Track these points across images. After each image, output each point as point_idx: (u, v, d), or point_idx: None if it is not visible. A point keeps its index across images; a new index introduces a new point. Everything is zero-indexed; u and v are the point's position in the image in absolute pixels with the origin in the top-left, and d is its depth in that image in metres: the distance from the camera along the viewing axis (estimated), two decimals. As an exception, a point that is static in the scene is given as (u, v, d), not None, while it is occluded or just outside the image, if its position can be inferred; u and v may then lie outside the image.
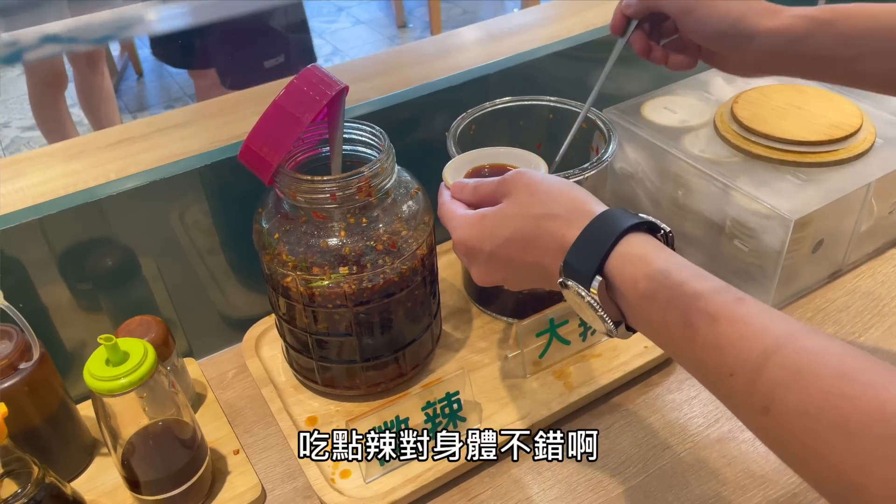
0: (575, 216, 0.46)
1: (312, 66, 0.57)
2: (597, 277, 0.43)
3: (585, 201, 0.47)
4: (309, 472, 0.60)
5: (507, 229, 0.49)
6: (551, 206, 0.47)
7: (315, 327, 0.62)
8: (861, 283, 0.76)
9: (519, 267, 0.49)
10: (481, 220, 0.50)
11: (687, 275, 0.41)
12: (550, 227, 0.46)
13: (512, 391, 0.66)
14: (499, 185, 0.51)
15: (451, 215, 0.54)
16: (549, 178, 0.50)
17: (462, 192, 0.55)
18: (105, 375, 0.50)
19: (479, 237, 0.50)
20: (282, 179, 0.57)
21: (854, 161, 0.72)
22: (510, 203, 0.49)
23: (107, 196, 0.63)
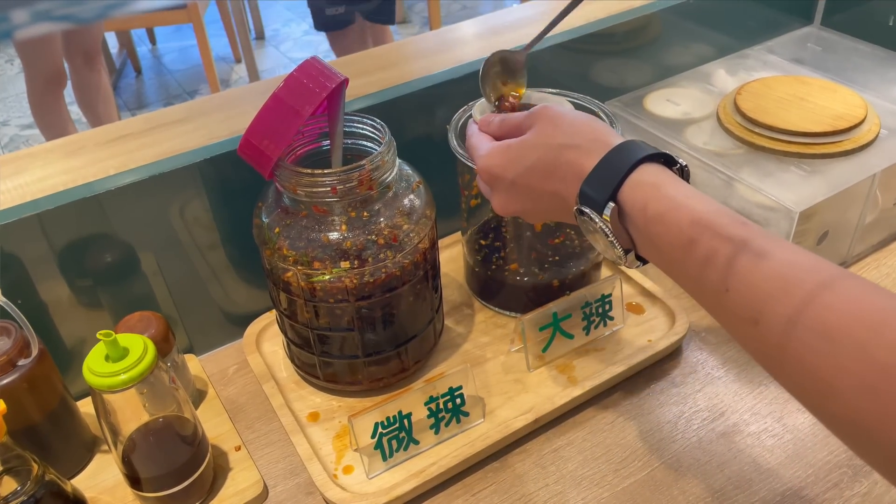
0: (594, 147, 0.47)
1: (312, 58, 0.57)
2: (609, 204, 0.45)
3: (606, 133, 0.48)
4: (311, 467, 0.59)
5: (530, 158, 0.50)
6: (572, 137, 0.49)
7: (316, 322, 0.62)
8: (866, 275, 0.75)
9: (539, 195, 0.51)
10: (506, 149, 0.52)
11: (692, 199, 0.43)
12: (570, 157, 0.48)
13: (515, 386, 0.66)
14: (525, 118, 0.53)
15: (478, 146, 0.56)
16: (572, 112, 0.52)
17: (489, 125, 0.57)
18: (105, 371, 0.50)
19: (502, 165, 0.52)
20: (282, 173, 0.56)
21: (859, 152, 0.72)
22: (534, 133, 0.51)
23: (105, 191, 0.63)
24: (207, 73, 2.66)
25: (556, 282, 0.71)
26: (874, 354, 0.33)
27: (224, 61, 3.13)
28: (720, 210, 0.42)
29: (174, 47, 3.31)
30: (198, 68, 3.01)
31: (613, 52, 0.88)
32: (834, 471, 0.58)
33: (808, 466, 0.58)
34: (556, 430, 0.63)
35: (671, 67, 0.90)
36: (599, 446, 0.61)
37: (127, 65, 3.13)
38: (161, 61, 3.21)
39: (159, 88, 3.01)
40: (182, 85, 3.00)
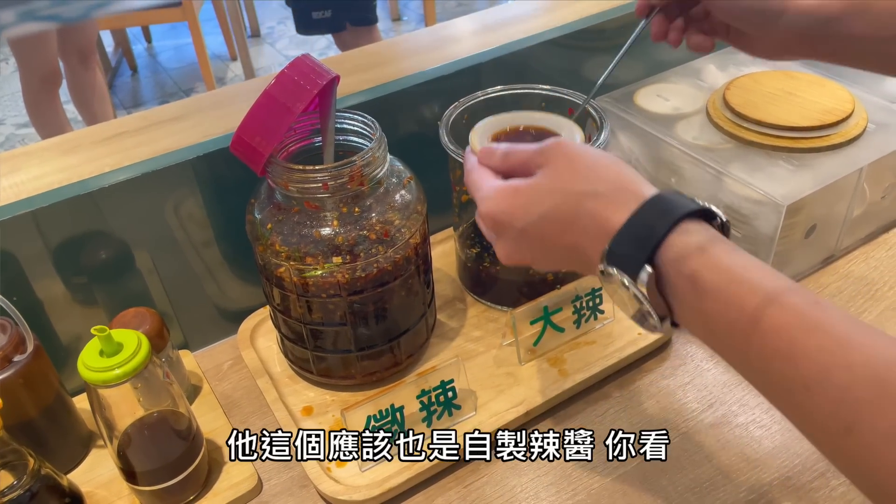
0: (621, 197, 0.42)
1: (303, 56, 0.57)
2: (646, 268, 0.39)
3: (633, 180, 0.43)
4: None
5: (543, 205, 0.44)
6: (594, 184, 0.43)
7: (309, 317, 0.62)
8: (854, 268, 0.76)
9: (552, 247, 0.46)
10: (514, 193, 0.46)
11: (754, 271, 0.37)
12: (592, 208, 0.43)
13: (507, 379, 0.66)
14: (534, 154, 0.47)
15: (479, 184, 0.49)
16: (591, 151, 0.46)
17: (490, 158, 0.50)
18: (99, 366, 0.50)
19: (509, 211, 0.46)
20: (274, 169, 0.57)
21: (846, 146, 0.72)
22: (547, 176, 0.45)
23: (99, 188, 0.63)
24: (203, 71, 2.66)
25: (548, 276, 0.72)
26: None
27: (220, 59, 3.13)
28: (788, 287, 0.36)
29: (169, 45, 3.31)
30: (193, 66, 3.01)
31: (604, 48, 0.88)
32: (821, 461, 0.58)
33: (796, 456, 0.59)
34: (547, 422, 0.64)
35: (662, 63, 0.90)
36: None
37: (122, 63, 3.13)
38: (157, 59, 3.21)
39: (155, 86, 3.01)
40: (178, 83, 3.00)
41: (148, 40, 3.34)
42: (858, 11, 0.53)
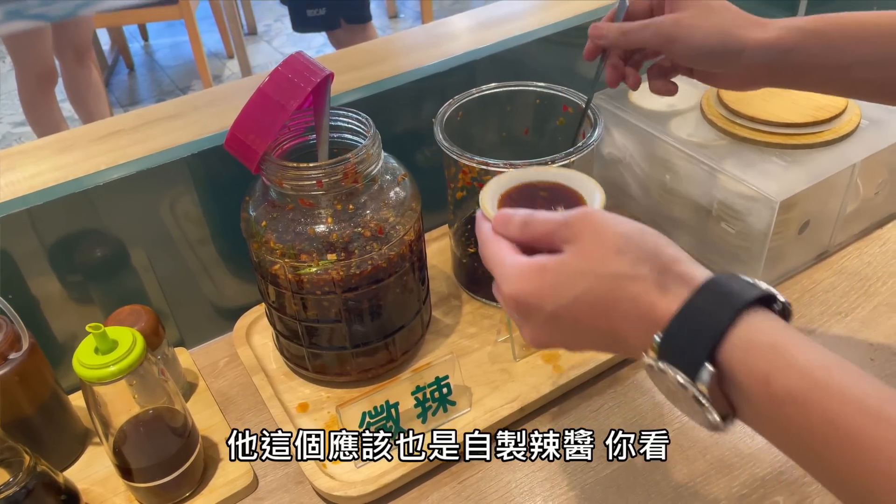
0: (666, 279, 0.38)
1: (297, 53, 0.57)
2: (707, 367, 0.35)
3: (675, 258, 0.39)
4: (300, 457, 0.60)
5: (575, 288, 0.40)
6: (633, 264, 0.39)
7: (304, 314, 0.63)
8: (847, 264, 0.76)
9: (587, 332, 0.41)
10: (540, 272, 0.42)
11: (837, 373, 0.33)
12: (633, 291, 0.38)
13: (502, 375, 0.67)
14: (559, 226, 0.42)
15: (498, 260, 0.44)
16: (623, 224, 0.41)
17: (507, 227, 0.45)
18: (94, 363, 0.50)
19: (537, 293, 0.41)
20: (268, 167, 0.57)
21: (839, 142, 0.72)
22: (577, 254, 0.41)
23: (94, 186, 0.64)
24: (200, 69, 2.66)
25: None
26: None
27: (216, 57, 3.12)
28: (882, 394, 0.32)
29: (166, 43, 3.30)
30: (190, 64, 3.01)
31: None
32: (813, 455, 0.59)
33: (788, 451, 0.59)
34: (542, 418, 0.64)
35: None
36: (584, 434, 0.62)
37: (119, 61, 3.12)
38: (153, 57, 3.21)
39: (152, 84, 3.01)
40: (174, 81, 3.00)
41: (145, 38, 3.33)
42: (815, 41, 0.54)
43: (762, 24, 0.56)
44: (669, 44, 0.58)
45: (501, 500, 0.58)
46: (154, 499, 0.58)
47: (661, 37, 0.58)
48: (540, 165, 0.53)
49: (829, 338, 0.69)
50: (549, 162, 0.62)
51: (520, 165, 0.62)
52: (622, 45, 0.62)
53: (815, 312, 0.71)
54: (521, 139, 0.77)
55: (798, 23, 0.55)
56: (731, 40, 0.56)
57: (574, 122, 0.72)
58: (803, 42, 0.55)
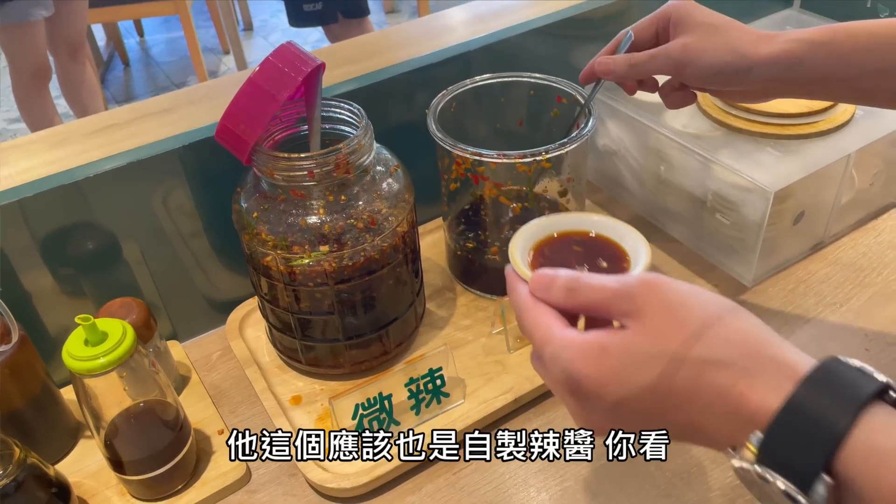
0: (758, 366, 0.33)
1: (288, 43, 0.57)
2: (824, 478, 0.30)
3: (766, 340, 0.34)
4: (293, 450, 0.60)
5: (645, 375, 0.34)
6: (715, 347, 0.34)
7: (297, 306, 0.62)
8: (842, 255, 0.76)
9: (657, 424, 0.36)
10: (600, 353, 0.36)
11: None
12: (718, 381, 0.33)
13: (496, 367, 0.66)
14: (617, 296, 0.36)
15: (544, 334, 0.38)
16: (697, 296, 0.36)
17: (549, 291, 0.39)
18: (84, 355, 0.50)
19: (597, 379, 0.35)
20: (259, 158, 0.57)
21: (834, 132, 0.72)
22: (645, 333, 0.35)
23: (85, 178, 0.63)
24: (195, 65, 2.65)
25: (537, 264, 0.71)
26: None
27: (212, 52, 3.12)
28: None
29: (162, 39, 3.29)
30: (186, 60, 3.00)
31: (594, 36, 0.88)
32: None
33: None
34: (536, 409, 0.64)
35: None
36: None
37: (115, 57, 3.11)
38: (149, 53, 3.20)
39: (147, 80, 3.00)
40: (170, 77, 2.99)
41: (140, 34, 3.32)
42: (823, 52, 0.54)
43: (768, 38, 0.55)
44: (680, 69, 0.58)
45: (495, 491, 0.58)
46: (146, 491, 0.57)
47: (671, 64, 0.58)
48: (574, 213, 0.48)
49: (824, 328, 0.69)
50: (544, 153, 0.62)
51: (514, 157, 0.62)
52: (632, 78, 0.62)
53: (810, 303, 0.71)
54: (515, 131, 0.76)
55: (805, 35, 0.54)
56: (740, 59, 0.55)
57: (569, 113, 0.71)
58: (811, 53, 0.54)
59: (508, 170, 0.69)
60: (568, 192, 0.72)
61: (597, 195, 0.87)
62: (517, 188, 0.73)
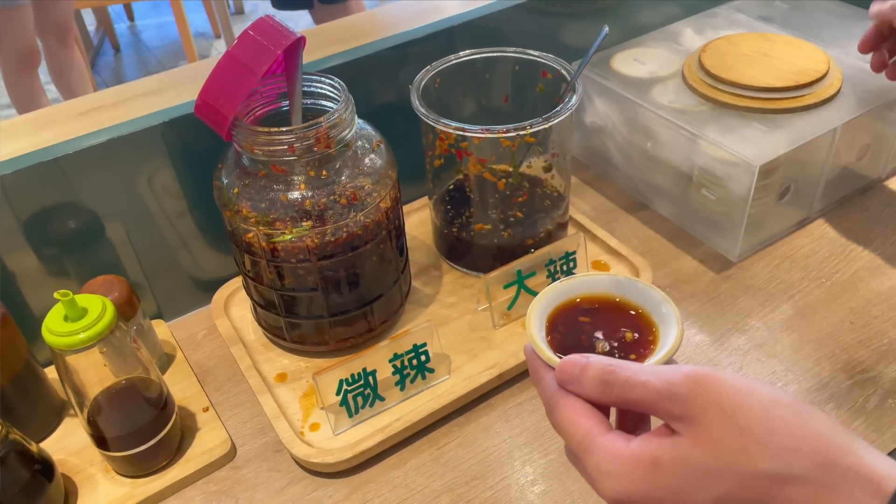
0: (837, 480, 0.29)
1: (266, 17, 0.56)
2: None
3: (844, 447, 0.30)
4: (278, 426, 0.60)
5: (707, 493, 0.31)
6: (786, 459, 0.30)
7: (280, 284, 0.62)
8: (829, 230, 0.76)
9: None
10: (653, 470, 0.32)
11: None
12: (794, 499, 0.30)
13: (481, 343, 0.66)
14: (663, 397, 0.32)
15: (586, 442, 0.34)
16: (759, 395, 0.32)
17: (581, 382, 0.35)
18: (63, 331, 0.50)
19: (651, 496, 0.32)
20: (239, 132, 0.56)
21: (821, 106, 0.72)
22: (702, 443, 0.31)
23: (65, 154, 0.63)
24: (186, 49, 2.63)
25: (525, 240, 0.71)
26: None
27: (203, 37, 3.09)
28: None
29: (152, 24, 3.26)
30: (176, 44, 2.97)
31: (581, 13, 0.87)
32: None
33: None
34: (521, 385, 0.64)
35: (639, 27, 0.89)
36: (563, 399, 0.62)
37: (105, 42, 3.08)
38: (139, 38, 3.17)
39: (138, 65, 2.97)
40: (161, 62, 2.97)
41: (130, 19, 3.29)
42: None
43: None
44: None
45: (480, 465, 0.58)
46: (130, 468, 0.57)
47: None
48: (591, 275, 0.44)
49: (810, 303, 0.69)
50: (528, 127, 0.61)
51: (498, 131, 0.61)
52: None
53: (796, 278, 0.71)
54: (500, 107, 0.76)
55: None
56: None
57: (554, 88, 0.71)
58: None
59: (493, 145, 0.69)
60: (553, 167, 0.72)
61: (584, 172, 0.87)
62: (502, 165, 0.72)
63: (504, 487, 0.56)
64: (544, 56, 0.71)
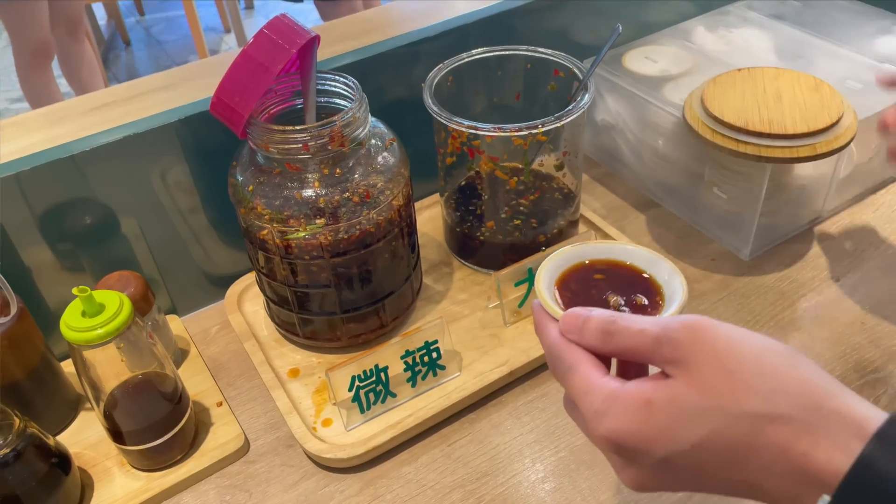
0: (821, 422, 0.30)
1: (281, 15, 0.57)
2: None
3: (828, 391, 0.31)
4: (291, 421, 0.61)
5: (696, 431, 0.32)
6: (772, 400, 0.31)
7: (294, 280, 0.63)
8: (840, 230, 0.76)
9: (711, 482, 0.34)
10: (645, 409, 0.33)
11: None
12: (777, 438, 0.31)
13: (492, 340, 0.67)
14: (660, 342, 0.34)
15: (580, 384, 0.36)
16: (749, 341, 0.33)
17: (583, 332, 0.37)
18: (81, 326, 0.50)
19: (643, 436, 0.33)
20: (254, 131, 0.57)
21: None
22: (693, 384, 0.33)
23: (81, 151, 0.63)
24: (197, 44, 2.64)
25: (536, 238, 0.72)
26: None
27: (213, 31, 3.10)
28: None
29: (162, 18, 3.28)
30: (187, 39, 2.98)
31: (592, 10, 0.87)
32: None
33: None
34: (531, 382, 0.64)
35: (651, 25, 0.89)
36: (573, 397, 0.63)
37: (116, 36, 3.10)
38: (150, 32, 3.18)
39: (149, 60, 2.98)
40: (171, 56, 2.98)
41: (141, 13, 3.30)
42: None
43: None
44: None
45: (491, 462, 0.59)
46: (145, 462, 0.58)
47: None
48: (600, 242, 0.45)
49: (821, 303, 0.69)
50: (540, 126, 0.62)
51: (510, 130, 0.62)
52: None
53: (807, 277, 0.71)
54: (512, 105, 0.76)
55: None
56: None
57: (566, 87, 0.71)
58: None
59: (504, 144, 0.69)
60: (564, 166, 0.72)
61: (595, 170, 0.87)
62: (513, 163, 0.72)
63: (514, 484, 0.57)
64: (556, 54, 0.71)
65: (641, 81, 0.79)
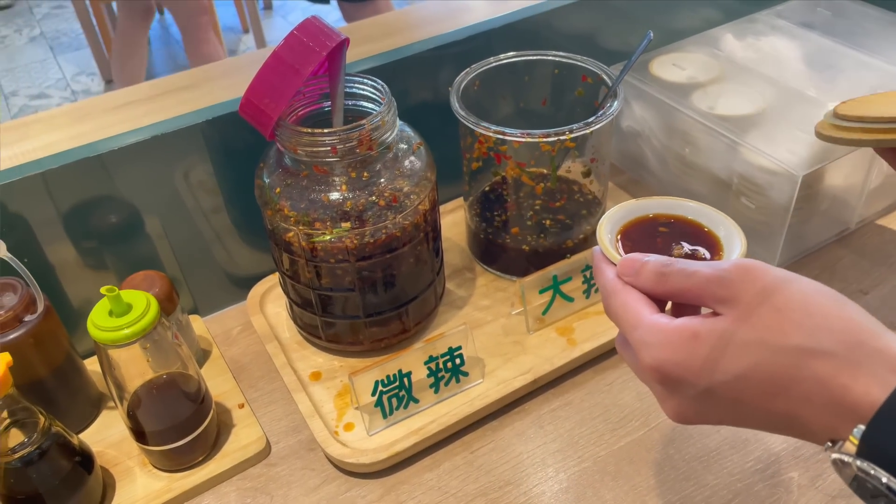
0: (861, 357, 0.31)
1: (312, 18, 0.56)
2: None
3: (871, 330, 0.32)
4: (313, 424, 0.60)
5: (740, 362, 0.33)
6: (817, 336, 0.32)
7: (318, 283, 0.62)
8: (869, 241, 0.75)
9: (752, 413, 0.35)
10: (692, 340, 0.35)
11: None
12: (819, 371, 0.32)
13: (515, 347, 0.66)
14: (712, 282, 0.35)
15: (632, 318, 0.37)
16: (798, 283, 0.34)
17: (639, 276, 0.38)
18: (108, 326, 0.50)
19: (687, 366, 0.35)
20: (282, 133, 0.57)
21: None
22: (741, 320, 0.34)
23: (108, 151, 0.63)
24: (215, 43, 2.64)
25: (561, 245, 0.71)
26: None
27: (232, 31, 3.11)
28: None
29: (182, 17, 3.29)
30: (206, 38, 2.99)
31: (619, 16, 0.87)
32: (830, 432, 0.58)
33: (805, 427, 0.59)
34: (555, 390, 0.64)
35: (679, 32, 0.89)
36: (597, 406, 0.62)
37: (135, 35, 3.11)
38: (169, 31, 3.20)
39: (167, 59, 3.00)
40: (190, 55, 2.98)
41: (160, 12, 3.32)
42: None
43: None
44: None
45: (513, 470, 0.58)
46: (167, 462, 0.58)
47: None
48: (663, 198, 0.46)
49: (849, 315, 0.68)
50: (568, 132, 0.61)
51: (538, 136, 0.61)
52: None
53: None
54: (538, 110, 0.76)
55: None
56: None
57: (593, 92, 0.70)
58: None
59: (531, 149, 0.68)
60: (591, 172, 0.72)
61: (620, 177, 0.86)
62: (540, 169, 0.72)
63: (538, 494, 0.56)
64: (584, 60, 0.70)
65: (669, 88, 0.78)
